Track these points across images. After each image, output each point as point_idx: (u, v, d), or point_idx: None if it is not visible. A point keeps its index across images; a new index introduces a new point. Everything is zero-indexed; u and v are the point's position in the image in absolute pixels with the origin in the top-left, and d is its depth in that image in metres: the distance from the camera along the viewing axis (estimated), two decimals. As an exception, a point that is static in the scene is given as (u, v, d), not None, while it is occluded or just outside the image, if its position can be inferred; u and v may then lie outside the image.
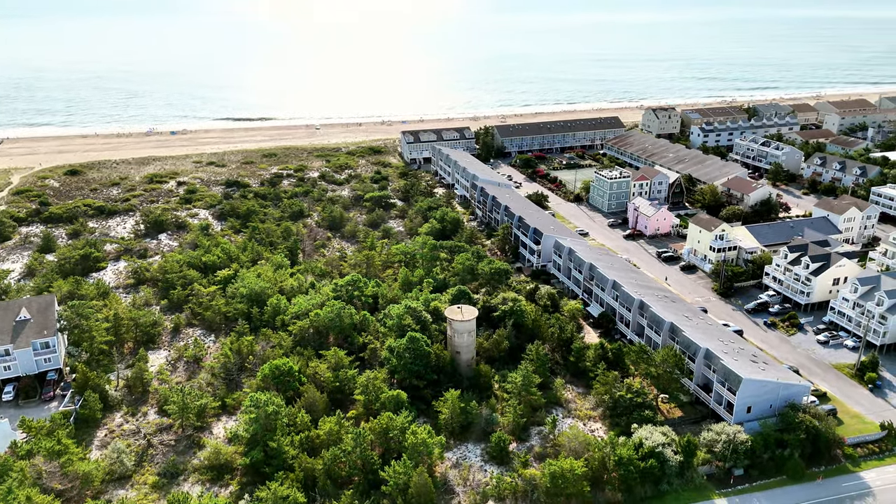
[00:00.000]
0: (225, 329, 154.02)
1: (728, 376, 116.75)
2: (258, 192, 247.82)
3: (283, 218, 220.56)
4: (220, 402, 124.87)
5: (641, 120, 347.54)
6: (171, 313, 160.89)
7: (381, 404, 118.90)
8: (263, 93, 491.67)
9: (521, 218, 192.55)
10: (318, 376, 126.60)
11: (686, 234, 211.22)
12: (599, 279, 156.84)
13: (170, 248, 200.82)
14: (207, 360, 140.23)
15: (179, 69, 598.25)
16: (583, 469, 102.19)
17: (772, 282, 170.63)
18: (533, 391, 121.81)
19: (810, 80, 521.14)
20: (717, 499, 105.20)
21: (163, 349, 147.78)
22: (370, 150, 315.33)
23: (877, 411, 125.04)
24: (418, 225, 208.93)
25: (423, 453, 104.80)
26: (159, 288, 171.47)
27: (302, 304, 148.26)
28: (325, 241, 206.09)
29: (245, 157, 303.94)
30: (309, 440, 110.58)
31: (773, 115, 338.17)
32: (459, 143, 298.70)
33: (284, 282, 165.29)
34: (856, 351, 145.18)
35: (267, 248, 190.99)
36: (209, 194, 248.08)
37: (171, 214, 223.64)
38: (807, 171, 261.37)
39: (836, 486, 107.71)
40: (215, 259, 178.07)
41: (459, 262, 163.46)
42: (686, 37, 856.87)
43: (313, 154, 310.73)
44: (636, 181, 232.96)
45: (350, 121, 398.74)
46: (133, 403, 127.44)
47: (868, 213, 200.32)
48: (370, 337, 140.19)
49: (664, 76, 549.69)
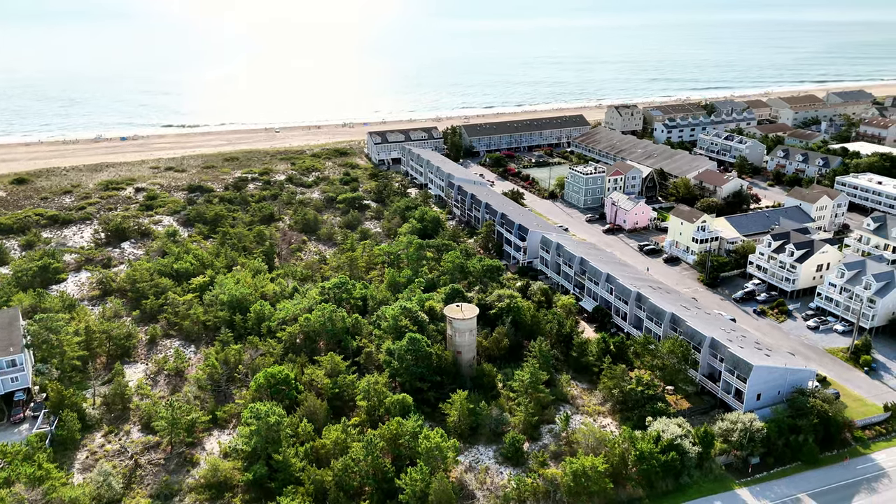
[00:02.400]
0: (206, 338, 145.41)
1: (737, 364, 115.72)
2: (224, 197, 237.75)
3: (254, 222, 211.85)
4: (211, 415, 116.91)
5: (604, 118, 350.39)
6: (145, 324, 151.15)
7: (386, 409, 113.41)
8: (213, 97, 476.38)
9: (505, 215, 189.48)
10: (315, 383, 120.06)
11: (663, 227, 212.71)
12: (592, 273, 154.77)
13: (135, 257, 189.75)
14: (191, 372, 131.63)
15: (120, 75, 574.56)
16: (604, 465, 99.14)
17: (756, 270, 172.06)
18: (541, 388, 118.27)
19: (756, 80, 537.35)
20: (738, 489, 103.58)
21: (140, 362, 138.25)
22: (336, 152, 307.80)
23: (876, 393, 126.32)
24: (397, 225, 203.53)
25: (437, 458, 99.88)
26: (129, 298, 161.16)
27: (289, 309, 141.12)
28: (301, 244, 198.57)
29: (205, 162, 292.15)
30: (314, 450, 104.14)
31: (731, 111, 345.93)
32: (428, 143, 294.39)
33: (265, 287, 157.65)
34: (845, 335, 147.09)
35: (241, 254, 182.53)
36: (171, 200, 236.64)
37: (134, 222, 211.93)
38: (770, 163, 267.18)
39: (850, 469, 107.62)
40: (188, 266, 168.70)
41: (449, 261, 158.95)
42: (632, 40, 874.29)
43: (277, 157, 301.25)
44: (611, 176, 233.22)
45: (309, 123, 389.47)
46: (113, 422, 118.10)
47: (838, 202, 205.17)
48: (364, 340, 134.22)
49: (618, 77, 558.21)
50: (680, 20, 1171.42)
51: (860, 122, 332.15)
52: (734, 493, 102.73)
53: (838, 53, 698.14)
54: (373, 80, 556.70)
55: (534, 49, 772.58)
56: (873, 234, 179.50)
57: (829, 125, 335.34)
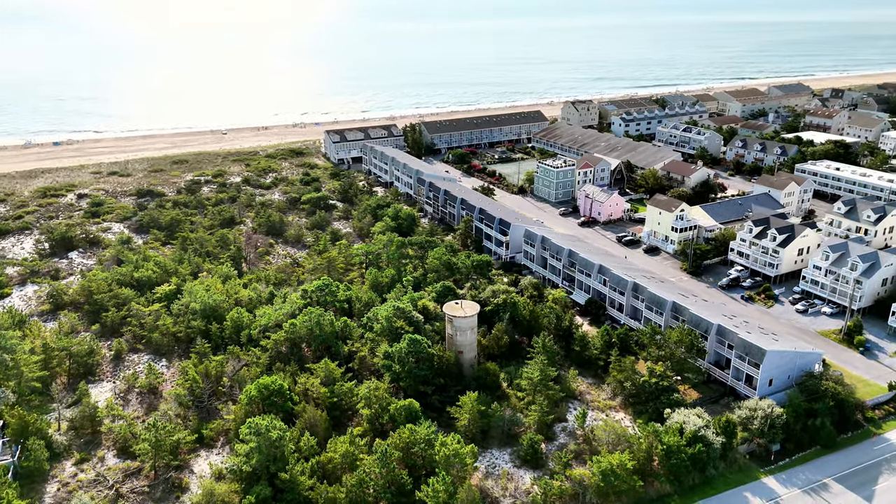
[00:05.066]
0: (178, 351, 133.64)
1: (749, 350, 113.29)
2: (178, 201, 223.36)
3: (214, 226, 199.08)
4: (196, 434, 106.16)
5: (561, 113, 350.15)
6: (108, 339, 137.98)
7: (390, 417, 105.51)
8: (150, 100, 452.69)
9: (483, 210, 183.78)
10: (310, 393, 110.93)
11: (637, 218, 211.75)
12: (583, 265, 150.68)
13: (87, 267, 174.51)
14: (167, 388, 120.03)
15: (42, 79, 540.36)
16: (632, 462, 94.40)
17: (737, 257, 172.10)
18: (550, 385, 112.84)
19: (699, 77, 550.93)
20: (763, 478, 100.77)
21: (106, 380, 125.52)
22: (291, 153, 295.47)
23: (875, 373, 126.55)
24: (369, 225, 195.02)
25: (456, 466, 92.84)
26: (85, 311, 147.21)
27: (271, 315, 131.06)
28: (268, 247, 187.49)
29: (152, 165, 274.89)
30: (320, 466, 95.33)
31: (683, 104, 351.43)
32: (388, 141, 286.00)
33: (239, 293, 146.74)
34: (834, 317, 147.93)
35: (205, 259, 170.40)
36: (119, 206, 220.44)
37: (81, 230, 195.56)
38: (729, 153, 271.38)
39: (868, 450, 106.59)
40: (150, 274, 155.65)
41: (435, 258, 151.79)
42: (575, 41, 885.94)
43: (229, 158, 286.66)
44: (581, 169, 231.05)
45: (256, 125, 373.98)
46: (84, 448, 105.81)
47: (804, 188, 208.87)
48: (357, 344, 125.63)
49: (567, 77, 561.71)
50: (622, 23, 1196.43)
51: (805, 113, 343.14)
52: (761, 482, 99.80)
53: (771, 51, 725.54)
54: (315, 82, 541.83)
55: (480, 50, 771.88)
56: (844, 217, 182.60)
57: (776, 116, 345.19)
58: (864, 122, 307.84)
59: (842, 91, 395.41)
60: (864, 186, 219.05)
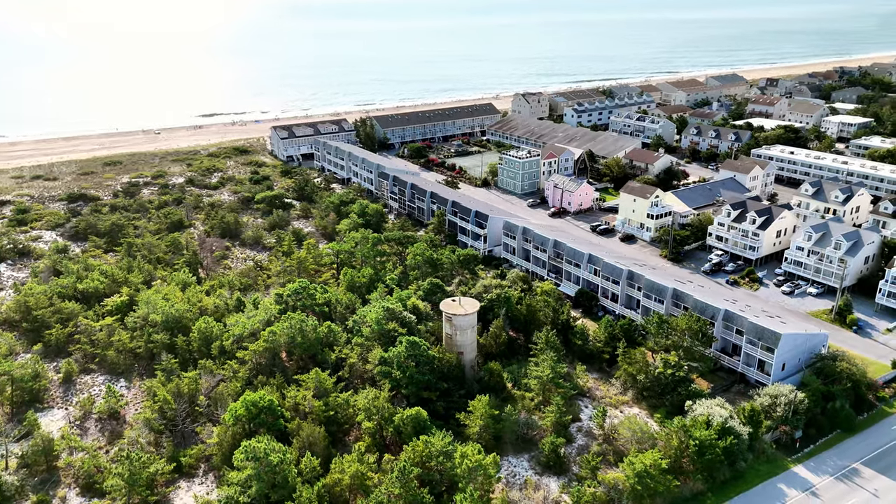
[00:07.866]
0: (139, 369, 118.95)
1: (762, 335, 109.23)
2: (115, 205, 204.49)
3: (161, 230, 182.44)
4: (174, 463, 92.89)
5: (512, 106, 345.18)
6: (53, 360, 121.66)
7: (395, 428, 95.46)
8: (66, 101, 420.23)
9: (457, 202, 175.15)
10: (302, 407, 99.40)
11: (606, 207, 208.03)
12: (571, 255, 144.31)
13: (19, 280, 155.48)
14: (131, 413, 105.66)
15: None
16: (665, 461, 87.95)
17: (716, 241, 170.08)
18: (559, 382, 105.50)
19: (637, 70, 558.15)
20: (793, 466, 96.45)
21: (56, 407, 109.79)
22: (235, 151, 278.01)
23: (877, 352, 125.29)
24: (333, 223, 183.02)
25: (480, 478, 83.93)
26: (23, 330, 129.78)
27: (245, 324, 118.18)
28: (225, 251, 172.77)
29: (81, 168, 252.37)
30: (327, 490, 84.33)
31: (630, 94, 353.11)
32: (339, 136, 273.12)
33: (202, 301, 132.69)
34: (820, 297, 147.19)
35: (156, 266, 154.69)
36: (49, 212, 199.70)
37: (8, 239, 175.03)
38: (684, 140, 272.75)
39: (887, 431, 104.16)
40: (96, 285, 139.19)
41: (417, 254, 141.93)
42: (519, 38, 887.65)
43: (167, 158, 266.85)
44: (545, 160, 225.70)
45: (189, 124, 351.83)
46: (40, 488, 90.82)
47: (768, 172, 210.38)
48: (345, 351, 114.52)
49: (511, 72, 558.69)
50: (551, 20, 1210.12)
51: (748, 101, 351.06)
52: (792, 472, 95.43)
53: (701, 46, 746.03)
54: (252, 81, 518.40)
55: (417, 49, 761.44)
56: (812, 198, 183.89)
57: (720, 105, 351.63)
58: (804, 108, 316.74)
59: (776, 80, 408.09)
60: (819, 169, 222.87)
